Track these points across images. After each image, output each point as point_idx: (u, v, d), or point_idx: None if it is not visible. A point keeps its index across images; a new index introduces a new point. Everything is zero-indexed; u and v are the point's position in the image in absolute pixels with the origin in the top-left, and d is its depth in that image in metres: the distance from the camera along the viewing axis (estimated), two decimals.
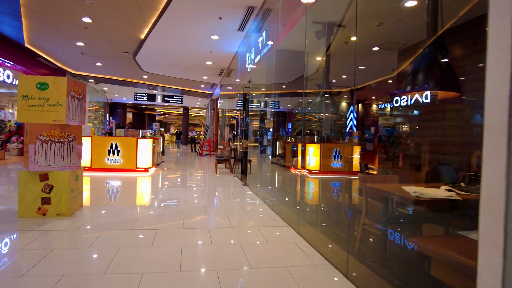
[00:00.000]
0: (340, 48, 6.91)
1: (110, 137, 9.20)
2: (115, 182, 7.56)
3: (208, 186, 7.23)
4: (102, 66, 12.48)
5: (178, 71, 13.01)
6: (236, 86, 12.19)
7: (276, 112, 17.35)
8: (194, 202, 5.46)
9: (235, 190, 6.84)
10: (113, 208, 4.80)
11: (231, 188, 7.02)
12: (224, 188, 7.00)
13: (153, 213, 4.64)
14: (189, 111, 29.82)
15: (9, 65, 10.57)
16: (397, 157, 7.05)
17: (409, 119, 7.23)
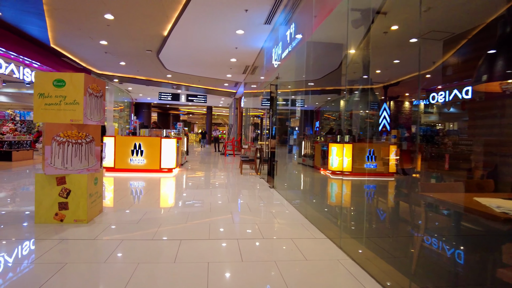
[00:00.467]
0: (377, 39, 6.31)
1: (134, 137, 9.00)
2: (138, 183, 7.32)
3: (233, 189, 6.84)
4: (126, 65, 12.40)
5: (201, 69, 12.74)
6: (260, 84, 11.76)
7: (302, 110, 16.75)
8: (219, 207, 5.06)
9: (262, 193, 6.40)
10: (134, 214, 4.48)
11: (258, 191, 6.59)
12: (250, 191, 6.58)
13: (176, 220, 4.27)
14: (212, 111, 29.73)
15: (37, 66, 10.65)
16: (437, 158, 6.38)
17: (456, 117, 6.52)
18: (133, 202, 5.37)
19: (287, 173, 7.04)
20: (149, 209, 4.80)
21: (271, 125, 7.85)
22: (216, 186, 7.13)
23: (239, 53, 9.99)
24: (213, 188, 6.79)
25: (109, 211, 4.57)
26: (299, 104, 9.91)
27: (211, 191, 6.43)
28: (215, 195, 6.02)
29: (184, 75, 14.21)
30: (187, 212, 4.68)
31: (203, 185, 7.12)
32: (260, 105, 13.56)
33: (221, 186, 7.15)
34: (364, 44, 6.23)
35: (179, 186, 7.11)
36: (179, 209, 4.87)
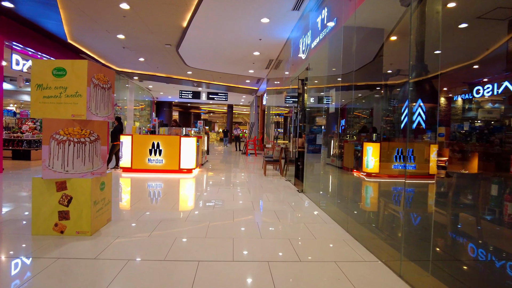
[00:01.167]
0: (424, 21, 5.42)
1: (152, 136, 8.52)
2: (155, 185, 6.79)
3: (258, 193, 6.17)
4: (145, 61, 12.00)
5: (223, 65, 12.15)
6: (285, 79, 11.04)
7: (329, 108, 15.72)
8: (244, 217, 4.40)
9: (290, 198, 5.70)
10: (147, 224, 3.89)
11: (285, 196, 5.89)
12: (276, 196, 5.89)
13: (193, 232, 3.65)
14: (233, 109, 29.24)
15: None
16: (491, 158, 5.46)
17: None
18: (148, 207, 4.80)
19: (317, 175, 6.29)
20: (164, 217, 4.21)
21: (298, 123, 7.13)
22: (239, 189, 6.48)
23: (263, 46, 9.31)
24: (235, 192, 6.15)
25: (119, 219, 4.01)
26: (327, 100, 9.12)
27: (233, 196, 5.79)
28: (238, 201, 5.37)
29: (205, 72, 13.69)
30: (206, 222, 4.05)
31: (225, 188, 6.50)
32: (284, 102, 12.85)
33: (244, 189, 6.50)
34: (414, 26, 5.35)
35: (198, 189, 6.52)
36: (197, 218, 4.25)
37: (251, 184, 7.21)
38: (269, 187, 6.85)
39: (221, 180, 7.54)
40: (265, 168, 8.53)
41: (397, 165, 7.69)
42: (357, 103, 11.07)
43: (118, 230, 3.58)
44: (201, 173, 8.69)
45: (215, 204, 5.11)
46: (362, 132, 8.21)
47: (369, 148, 8.07)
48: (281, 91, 12.38)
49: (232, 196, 5.76)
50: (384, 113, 9.38)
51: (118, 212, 4.43)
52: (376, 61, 6.68)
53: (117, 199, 5.42)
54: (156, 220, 4.06)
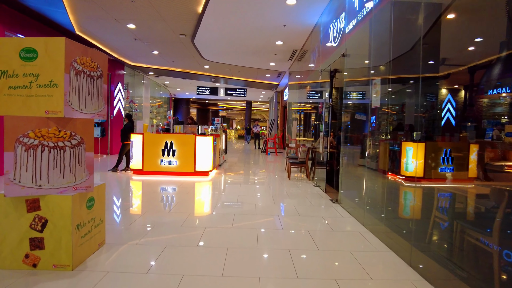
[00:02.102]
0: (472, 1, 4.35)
1: (164, 135, 7.75)
2: (168, 190, 6.00)
3: (284, 204, 5.26)
4: (160, 54, 11.27)
5: (242, 57, 11.27)
6: (309, 73, 10.04)
7: (364, 103, 14.32)
8: (272, 241, 3.50)
9: (324, 212, 4.76)
10: (149, 248, 3.06)
11: (317, 208, 4.96)
12: (307, 208, 4.96)
13: (207, 260, 2.78)
14: (251, 106, 28.38)
15: None
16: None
17: None
18: (155, 221, 3.97)
19: (354, 181, 5.32)
20: (172, 238, 3.36)
21: (330, 120, 6.16)
22: (261, 198, 5.59)
23: (287, 33, 8.34)
24: (257, 202, 5.26)
25: (115, 243, 3.19)
26: (359, 95, 8.09)
27: (255, 206, 4.90)
28: (261, 215, 4.48)
29: (222, 66, 12.85)
30: (223, 248, 3.17)
31: (245, 196, 5.62)
32: (306, 98, 11.84)
33: (267, 198, 5.60)
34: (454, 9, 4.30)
35: (215, 196, 5.67)
36: (213, 240, 3.38)
37: (274, 190, 6.31)
38: (296, 194, 5.92)
39: (240, 186, 6.67)
40: (289, 171, 7.60)
41: (445, 168, 6.58)
42: (385, 98, 9.82)
43: (111, 261, 2.76)
44: (218, 175, 7.86)
45: (234, 219, 4.23)
46: (398, 130, 7.13)
47: (409, 148, 6.99)
48: (305, 85, 11.38)
49: (254, 207, 4.87)
50: (421, 110, 8.21)
51: (118, 230, 3.62)
52: (413, 50, 5.60)
53: (123, 207, 4.64)
54: (162, 243, 3.22)
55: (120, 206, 4.96)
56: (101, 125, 12.03)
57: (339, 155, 5.90)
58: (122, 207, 4.90)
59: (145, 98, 16.18)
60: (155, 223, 3.95)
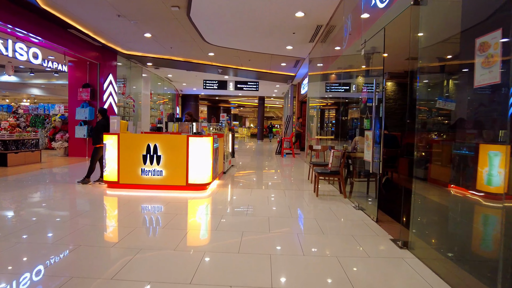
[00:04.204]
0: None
1: (147, 135, 5.79)
2: (144, 215, 4.01)
3: (315, 247, 3.19)
4: (153, 38, 9.35)
5: (252, 39, 9.23)
6: (334, 60, 7.95)
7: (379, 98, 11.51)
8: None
9: (389, 268, 2.69)
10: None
11: (376, 263, 2.87)
12: (359, 263, 2.88)
13: None
14: (264, 102, 26.30)
15: (36, 40, 8.00)
16: None
17: None
18: (127, 260, 1.98)
19: (420, 203, 3.22)
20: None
21: (383, 113, 4.07)
22: (280, 237, 3.54)
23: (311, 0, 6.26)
24: (273, 243, 3.22)
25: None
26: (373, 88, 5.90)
27: (271, 259, 2.85)
28: (282, 272, 2.42)
29: (230, 52, 10.85)
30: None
31: (253, 230, 3.58)
32: (325, 91, 9.69)
33: (289, 238, 3.54)
34: None
35: (213, 227, 3.65)
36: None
37: (299, 215, 4.24)
38: (334, 228, 3.84)
39: (247, 210, 4.63)
40: (316, 185, 5.51)
41: None
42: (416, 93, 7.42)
43: None
44: (219, 190, 5.84)
45: (242, 275, 2.20)
46: (459, 128, 4.95)
47: (494, 153, 4.79)
48: (330, 74, 9.21)
49: (268, 262, 2.82)
50: None
51: None
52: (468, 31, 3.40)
53: (74, 250, 2.68)
54: None
55: (70, 248, 3.02)
56: (88, 123, 10.22)
57: (394, 163, 3.81)
58: (77, 246, 2.95)
59: (144, 95, 14.33)
60: (129, 259, 1.95)
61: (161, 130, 7.59)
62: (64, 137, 10.29)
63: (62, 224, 3.73)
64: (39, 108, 12.98)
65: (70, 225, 3.69)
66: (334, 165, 5.39)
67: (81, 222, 3.80)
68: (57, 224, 3.71)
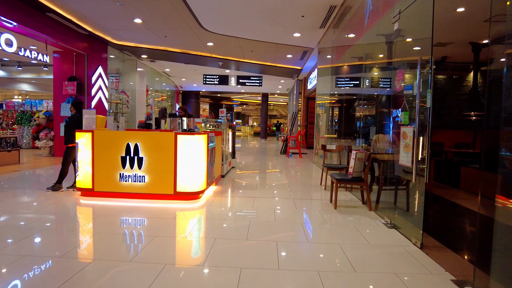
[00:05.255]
0: None
1: (127, 132, 4.78)
2: (115, 236, 2.98)
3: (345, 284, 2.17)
4: (145, 24, 8.34)
5: (255, 23, 8.21)
6: (348, 49, 6.94)
7: (381, 96, 9.80)
8: None
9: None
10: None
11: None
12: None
13: None
14: (268, 99, 25.24)
15: (10, 25, 7.02)
16: None
17: None
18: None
19: None
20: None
21: (430, 102, 3.04)
22: (294, 269, 2.50)
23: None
24: (286, 279, 2.20)
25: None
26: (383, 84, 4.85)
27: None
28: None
29: (230, 42, 9.83)
30: None
31: (260, 257, 2.55)
32: (338, 86, 8.63)
33: (306, 268, 2.50)
34: None
35: (202, 259, 2.61)
36: None
37: (317, 240, 3.20)
38: (365, 260, 2.80)
39: (250, 225, 3.60)
40: (335, 195, 4.47)
41: None
42: None
43: None
44: (216, 198, 4.82)
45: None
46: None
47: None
48: (339, 68, 8.14)
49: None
50: None
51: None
52: None
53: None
54: None
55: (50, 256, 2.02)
56: None
57: None
58: None
59: (139, 91, 13.34)
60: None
61: (150, 127, 6.59)
62: (49, 135, 9.33)
63: (9, 248, 2.73)
64: (25, 104, 12.04)
65: (14, 249, 2.68)
66: (357, 169, 4.34)
67: (26, 247, 2.79)
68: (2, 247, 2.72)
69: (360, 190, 4.67)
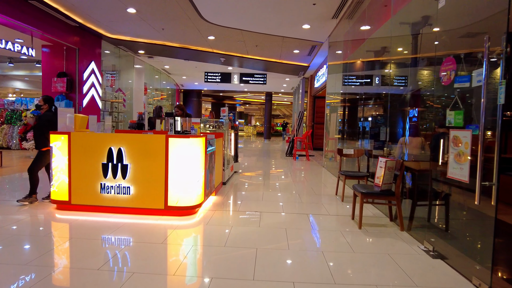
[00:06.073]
0: None
1: (109, 134, 4.02)
2: (91, 275, 2.23)
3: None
4: (139, 15, 7.61)
5: (261, 13, 7.46)
6: (360, 43, 6.23)
7: (389, 94, 8.64)
8: None
9: None
10: None
11: None
12: None
13: None
14: (272, 98, 24.45)
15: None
16: None
17: None
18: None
19: None
20: None
21: (485, 103, 2.26)
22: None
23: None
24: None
25: None
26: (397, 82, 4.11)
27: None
28: None
29: (233, 35, 9.08)
30: None
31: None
32: (343, 84, 7.82)
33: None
34: None
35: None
36: None
37: (345, 279, 2.44)
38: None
39: (257, 253, 2.83)
40: (361, 212, 3.70)
41: None
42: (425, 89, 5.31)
43: None
44: (215, 213, 4.05)
45: None
46: None
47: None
48: (351, 65, 7.35)
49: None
50: None
51: None
52: None
53: None
54: None
55: None
56: None
57: None
58: None
59: (136, 90, 12.61)
60: None
61: (143, 128, 5.85)
62: None
63: None
64: (16, 103, 11.34)
65: None
66: (387, 181, 3.57)
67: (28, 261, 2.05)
68: None
69: (388, 205, 3.89)
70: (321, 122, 14.63)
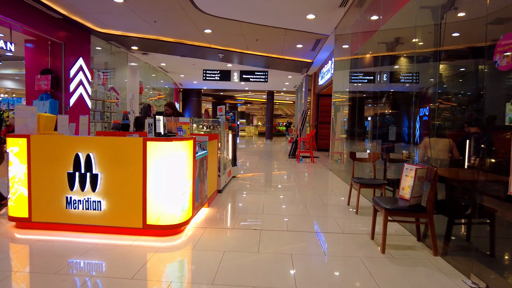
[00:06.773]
0: None
1: (75, 138, 3.33)
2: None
3: None
4: (127, 5, 6.93)
5: (260, 3, 6.76)
6: (370, 36, 5.55)
7: (392, 93, 7.61)
8: None
9: None
10: None
11: None
12: None
13: None
14: (273, 97, 23.75)
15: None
16: None
17: None
18: None
19: None
20: None
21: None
22: None
23: None
24: None
25: None
26: None
27: None
28: None
29: (231, 28, 8.40)
30: None
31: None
32: (349, 81, 7.09)
33: None
34: None
35: None
36: None
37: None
38: None
39: (254, 273, 2.15)
40: (384, 233, 3.00)
41: None
42: (444, 84, 4.58)
43: None
44: (206, 231, 3.35)
45: None
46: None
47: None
48: (360, 60, 6.64)
49: None
50: None
51: None
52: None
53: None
54: None
55: None
56: None
57: None
58: None
59: (130, 88, 11.94)
60: None
61: (127, 129, 5.17)
62: None
63: None
64: (1, 103, 10.71)
65: None
66: (416, 194, 2.87)
67: None
68: None
69: (416, 223, 3.19)
70: (326, 122, 13.92)
